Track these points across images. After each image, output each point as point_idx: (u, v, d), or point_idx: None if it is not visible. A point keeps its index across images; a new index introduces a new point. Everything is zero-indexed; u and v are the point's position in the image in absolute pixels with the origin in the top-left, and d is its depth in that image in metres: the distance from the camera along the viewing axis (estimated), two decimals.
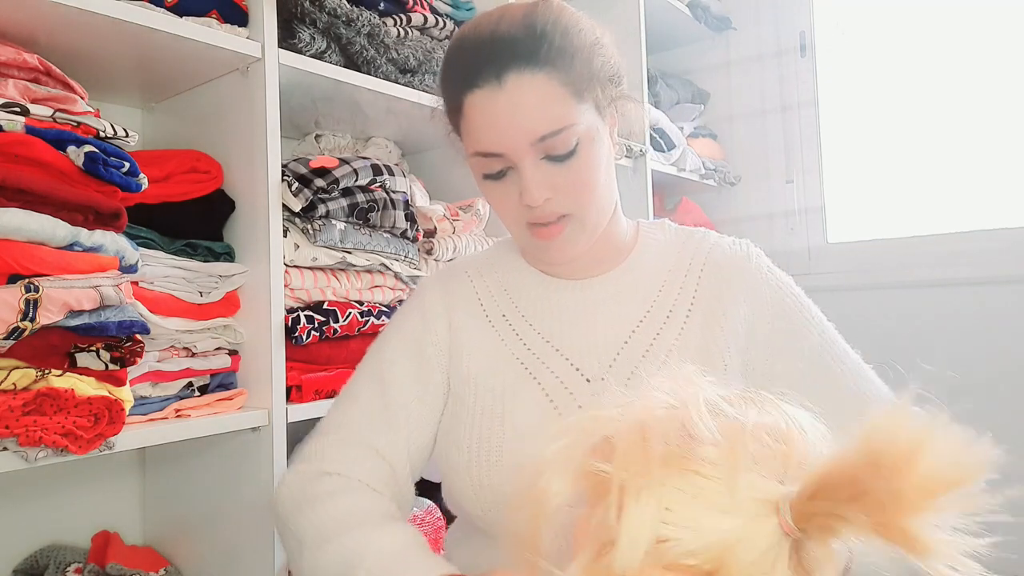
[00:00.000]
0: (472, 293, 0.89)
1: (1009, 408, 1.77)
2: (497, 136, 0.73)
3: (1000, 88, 1.89)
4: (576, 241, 0.79)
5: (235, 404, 1.10)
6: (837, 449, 0.35)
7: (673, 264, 0.85)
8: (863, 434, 0.34)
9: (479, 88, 0.72)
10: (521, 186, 0.74)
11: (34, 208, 0.84)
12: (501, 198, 0.78)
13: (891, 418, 0.35)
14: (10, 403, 0.81)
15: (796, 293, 0.84)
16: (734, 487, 0.34)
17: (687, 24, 2.14)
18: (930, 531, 0.33)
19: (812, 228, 2.16)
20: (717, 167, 2.17)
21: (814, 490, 0.34)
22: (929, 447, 0.34)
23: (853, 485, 0.33)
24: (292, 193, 1.15)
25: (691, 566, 0.34)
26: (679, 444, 0.36)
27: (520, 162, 0.73)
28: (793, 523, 0.34)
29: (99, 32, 0.97)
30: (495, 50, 0.72)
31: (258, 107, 1.10)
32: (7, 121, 0.84)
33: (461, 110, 0.75)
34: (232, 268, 1.13)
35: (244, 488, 1.11)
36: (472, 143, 0.76)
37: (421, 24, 1.39)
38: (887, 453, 0.33)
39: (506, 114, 0.72)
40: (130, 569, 1.10)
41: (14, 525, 1.14)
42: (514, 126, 0.72)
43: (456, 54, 0.78)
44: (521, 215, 0.77)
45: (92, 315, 0.87)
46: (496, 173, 0.76)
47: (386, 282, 1.33)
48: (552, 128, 0.72)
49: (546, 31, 0.73)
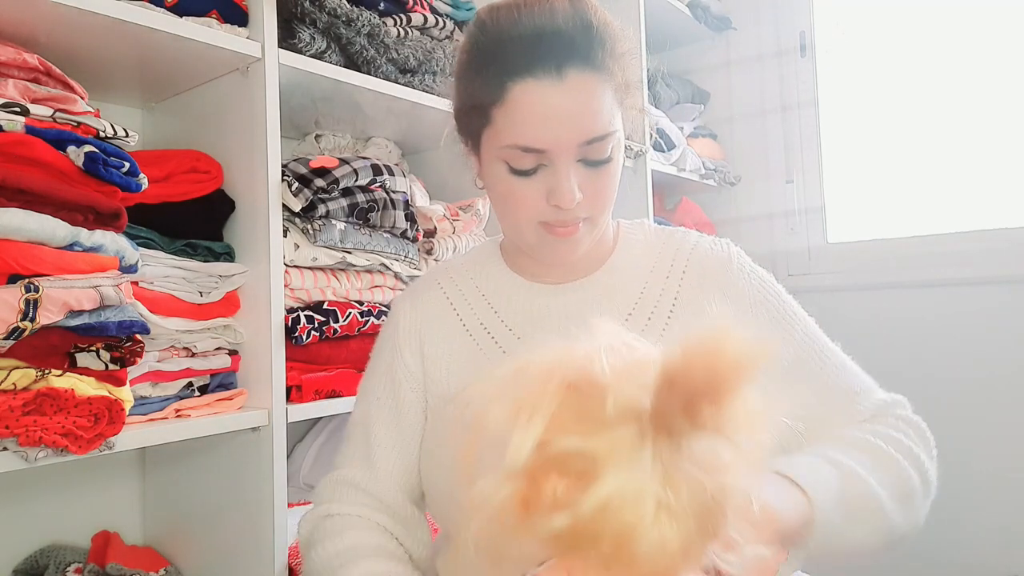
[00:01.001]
0: (445, 303, 0.87)
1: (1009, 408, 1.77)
2: (547, 131, 0.70)
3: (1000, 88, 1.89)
4: (584, 242, 0.78)
5: (235, 404, 1.10)
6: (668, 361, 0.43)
7: (654, 265, 0.85)
8: (682, 347, 0.42)
9: (534, 79, 0.69)
10: (555, 187, 0.72)
11: (34, 208, 0.84)
12: (525, 194, 0.74)
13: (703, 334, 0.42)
14: (10, 403, 0.81)
15: (777, 291, 0.84)
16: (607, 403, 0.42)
17: (687, 24, 2.14)
18: (737, 415, 0.42)
19: (812, 228, 2.16)
20: (717, 167, 2.17)
21: (659, 397, 0.42)
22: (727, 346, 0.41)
23: (680, 388, 0.41)
24: (292, 193, 1.15)
25: (573, 465, 0.42)
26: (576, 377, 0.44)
27: (559, 162, 0.72)
28: (651, 425, 0.42)
29: (99, 32, 0.97)
30: (556, 41, 0.69)
31: (258, 107, 1.10)
32: (7, 121, 0.84)
33: (504, 99, 0.71)
34: (232, 268, 1.13)
35: (244, 488, 1.11)
36: (513, 135, 0.72)
37: (421, 24, 1.39)
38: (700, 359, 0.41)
39: (564, 111, 0.70)
40: (130, 569, 1.10)
41: (14, 525, 1.14)
42: (568, 124, 0.70)
43: (500, 38, 0.72)
44: (541, 213, 0.75)
45: (92, 315, 0.87)
46: (528, 169, 0.73)
47: (386, 282, 1.33)
48: (601, 132, 0.71)
49: (601, 32, 0.71)
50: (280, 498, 1.07)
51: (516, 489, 0.43)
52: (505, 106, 0.71)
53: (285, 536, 1.08)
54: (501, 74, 0.71)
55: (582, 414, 0.43)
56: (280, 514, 1.07)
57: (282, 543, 1.08)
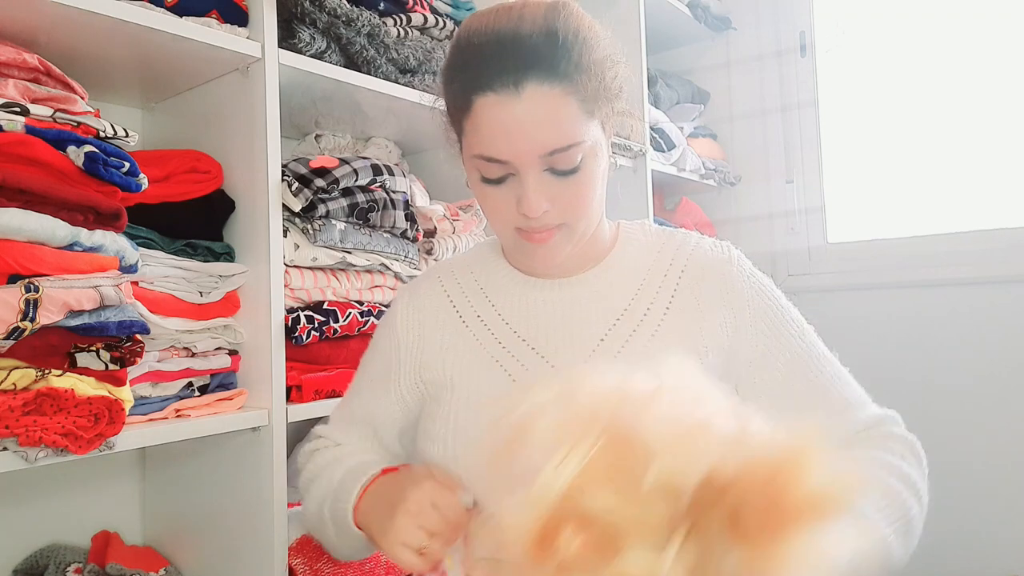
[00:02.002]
0: (443, 296, 0.89)
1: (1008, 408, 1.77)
2: (507, 145, 0.72)
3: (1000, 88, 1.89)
4: (563, 248, 0.79)
5: (235, 404, 1.10)
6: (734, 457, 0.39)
7: (652, 264, 0.85)
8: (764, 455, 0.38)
9: (494, 92, 0.70)
10: (521, 195, 0.73)
11: (34, 208, 0.84)
12: (496, 203, 0.77)
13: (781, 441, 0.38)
14: (10, 403, 0.81)
15: (777, 296, 0.84)
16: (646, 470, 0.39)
17: (687, 24, 2.14)
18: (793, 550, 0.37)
19: (812, 228, 2.16)
20: (717, 167, 2.17)
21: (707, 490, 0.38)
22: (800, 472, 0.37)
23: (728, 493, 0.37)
24: (292, 193, 1.15)
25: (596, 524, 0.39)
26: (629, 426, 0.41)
27: (524, 172, 0.73)
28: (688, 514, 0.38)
29: (99, 32, 0.97)
30: (515, 55, 0.70)
31: (258, 107, 1.10)
32: (7, 121, 0.84)
33: (469, 110, 0.73)
34: (232, 268, 1.13)
35: (244, 488, 1.11)
36: (477, 146, 0.74)
37: (421, 24, 1.39)
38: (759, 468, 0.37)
39: (520, 124, 0.70)
40: (130, 569, 1.10)
41: (14, 525, 1.14)
42: (526, 138, 0.71)
43: (468, 50, 0.74)
44: (514, 221, 0.77)
45: (92, 315, 0.87)
46: (496, 179, 0.75)
47: (386, 282, 1.33)
48: (562, 144, 0.71)
49: (568, 42, 0.71)
50: (280, 498, 1.07)
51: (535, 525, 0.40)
52: (471, 118, 0.73)
53: (285, 536, 1.08)
54: (467, 87, 0.73)
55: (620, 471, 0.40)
56: (280, 514, 1.07)
57: (282, 543, 1.08)
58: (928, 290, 1.90)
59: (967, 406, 1.82)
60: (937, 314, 1.88)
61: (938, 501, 0.77)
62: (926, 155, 2.00)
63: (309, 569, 1.11)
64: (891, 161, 2.06)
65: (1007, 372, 1.77)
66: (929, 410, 1.86)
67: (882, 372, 2.02)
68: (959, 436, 1.82)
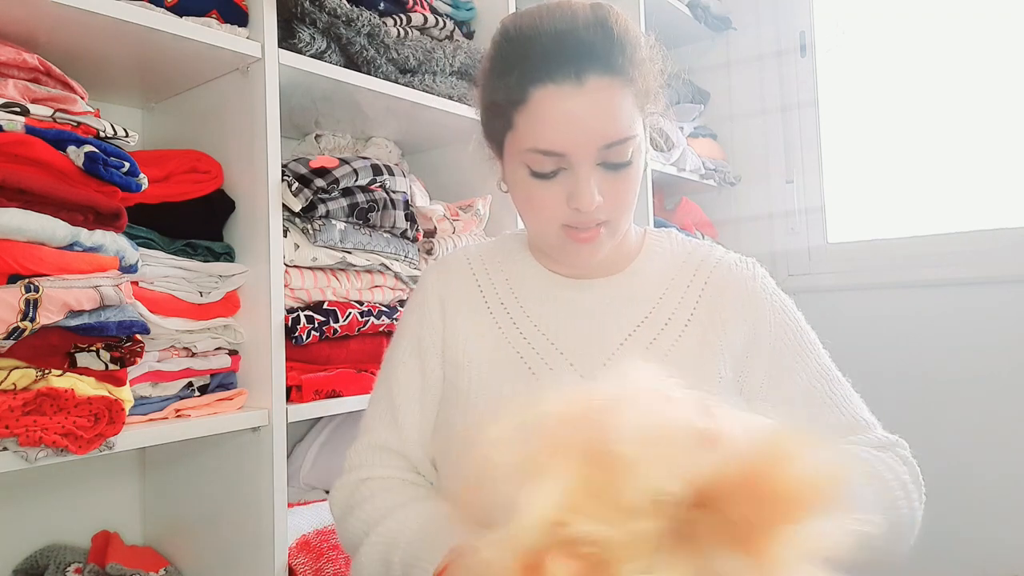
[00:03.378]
0: (471, 280, 0.89)
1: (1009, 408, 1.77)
2: (568, 136, 0.72)
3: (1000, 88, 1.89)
4: (605, 246, 0.80)
5: (235, 404, 1.10)
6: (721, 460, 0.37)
7: (676, 273, 0.86)
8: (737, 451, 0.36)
9: (554, 84, 0.71)
10: (575, 189, 0.73)
11: (34, 208, 0.84)
12: (545, 197, 0.76)
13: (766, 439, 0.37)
14: (10, 403, 0.81)
15: (797, 318, 0.85)
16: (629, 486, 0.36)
17: (687, 24, 2.14)
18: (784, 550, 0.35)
19: (812, 228, 2.16)
20: (717, 167, 2.17)
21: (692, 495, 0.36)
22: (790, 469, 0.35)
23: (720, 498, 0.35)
24: (292, 193, 1.15)
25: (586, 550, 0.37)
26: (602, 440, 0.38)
27: (579, 166, 0.73)
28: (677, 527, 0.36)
29: (99, 32, 0.97)
30: (576, 47, 0.71)
31: (258, 107, 1.10)
32: (7, 121, 0.84)
33: (526, 101, 0.72)
34: (232, 268, 1.13)
35: (244, 488, 1.11)
36: (534, 139, 0.73)
37: (421, 24, 1.39)
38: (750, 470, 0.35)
39: (581, 116, 0.71)
40: (130, 569, 1.10)
41: (14, 525, 1.14)
42: (588, 129, 0.71)
43: (523, 42, 0.74)
44: (561, 216, 0.76)
45: (92, 315, 0.87)
46: (548, 172, 0.75)
47: (386, 282, 1.33)
48: (620, 136, 0.72)
49: (621, 38, 0.73)
50: (280, 498, 1.07)
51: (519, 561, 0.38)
52: (526, 110, 0.73)
53: (285, 536, 1.08)
54: (523, 79, 0.72)
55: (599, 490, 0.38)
56: (280, 514, 1.07)
57: (282, 543, 1.08)
58: (928, 290, 1.90)
59: (967, 406, 1.82)
60: (937, 314, 1.88)
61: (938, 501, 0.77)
62: (926, 155, 2.00)
63: (310, 569, 1.11)
64: (891, 161, 2.06)
65: (1007, 372, 1.77)
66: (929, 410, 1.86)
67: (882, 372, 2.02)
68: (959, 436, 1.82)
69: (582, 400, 0.41)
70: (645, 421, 0.39)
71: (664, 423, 0.39)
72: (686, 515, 0.36)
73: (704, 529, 0.36)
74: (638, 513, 0.36)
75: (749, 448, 0.37)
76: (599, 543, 0.36)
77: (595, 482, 0.38)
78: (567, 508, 0.37)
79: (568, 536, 0.37)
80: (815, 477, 0.35)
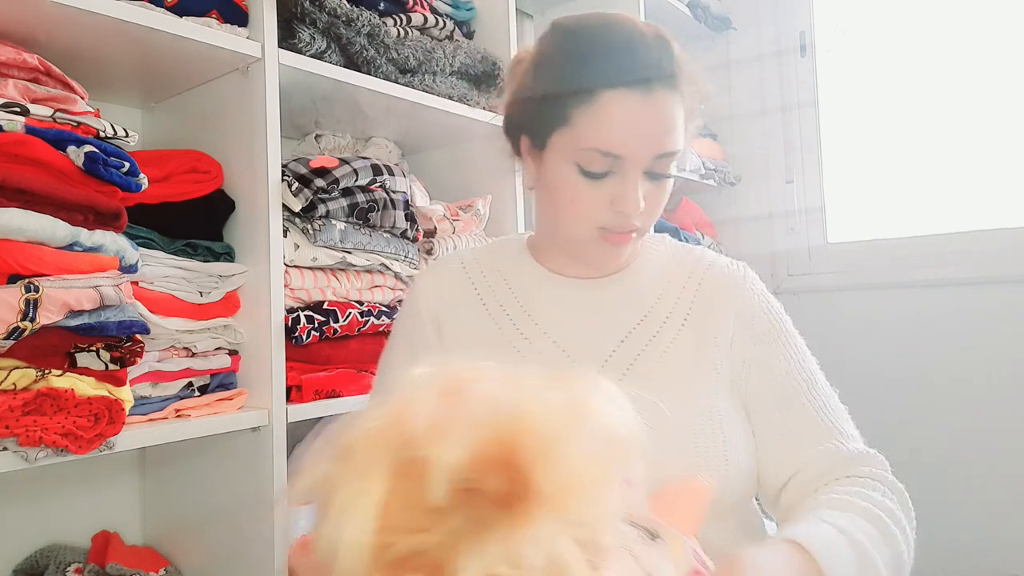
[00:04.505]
0: (466, 282, 0.90)
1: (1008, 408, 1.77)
2: (632, 140, 0.74)
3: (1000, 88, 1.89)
4: (629, 251, 0.84)
5: (235, 404, 1.10)
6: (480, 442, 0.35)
7: (672, 276, 0.88)
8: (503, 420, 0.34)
9: (626, 88, 0.74)
10: (623, 193, 0.76)
11: (34, 208, 0.84)
12: (591, 197, 0.78)
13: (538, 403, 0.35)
14: (10, 403, 0.81)
15: (784, 319, 0.86)
16: (430, 484, 0.34)
17: (687, 24, 2.14)
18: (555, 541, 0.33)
19: (812, 228, 2.16)
20: (717, 167, 2.17)
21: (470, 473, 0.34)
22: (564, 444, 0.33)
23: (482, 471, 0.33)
24: (292, 193, 1.15)
25: (423, 561, 0.34)
26: (405, 447, 0.36)
27: (631, 171, 0.76)
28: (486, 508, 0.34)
29: (99, 32, 0.97)
30: (647, 58, 0.75)
31: (258, 107, 1.10)
32: (7, 121, 0.84)
33: (591, 103, 0.74)
34: (232, 268, 1.13)
35: (244, 488, 1.11)
36: (595, 139, 0.75)
37: (421, 24, 1.39)
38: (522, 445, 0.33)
39: (647, 123, 0.74)
40: (130, 569, 1.10)
41: (14, 525, 1.14)
42: (650, 136, 0.75)
43: (591, 41, 0.77)
44: (601, 218, 0.78)
45: (92, 315, 0.87)
46: (599, 173, 0.77)
47: (386, 282, 1.33)
48: (673, 148, 0.76)
49: (679, 59, 0.78)
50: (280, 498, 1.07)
51: None
52: (591, 110, 0.74)
53: (285, 536, 1.08)
54: (592, 79, 0.74)
55: (410, 499, 0.35)
56: (280, 514, 1.07)
57: (282, 543, 1.08)
58: (928, 290, 1.90)
59: (967, 406, 1.82)
60: (937, 314, 1.88)
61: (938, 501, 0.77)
62: (926, 155, 1.99)
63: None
64: (891, 161, 2.06)
65: (1007, 372, 1.77)
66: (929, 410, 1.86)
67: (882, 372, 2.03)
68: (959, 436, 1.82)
69: (391, 412, 0.38)
70: (433, 415, 0.37)
71: (449, 410, 0.37)
72: (477, 499, 0.34)
73: (490, 511, 0.34)
74: (447, 509, 0.34)
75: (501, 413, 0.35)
76: (427, 547, 0.34)
77: (401, 490, 0.35)
78: (384, 528, 0.35)
79: (396, 556, 0.34)
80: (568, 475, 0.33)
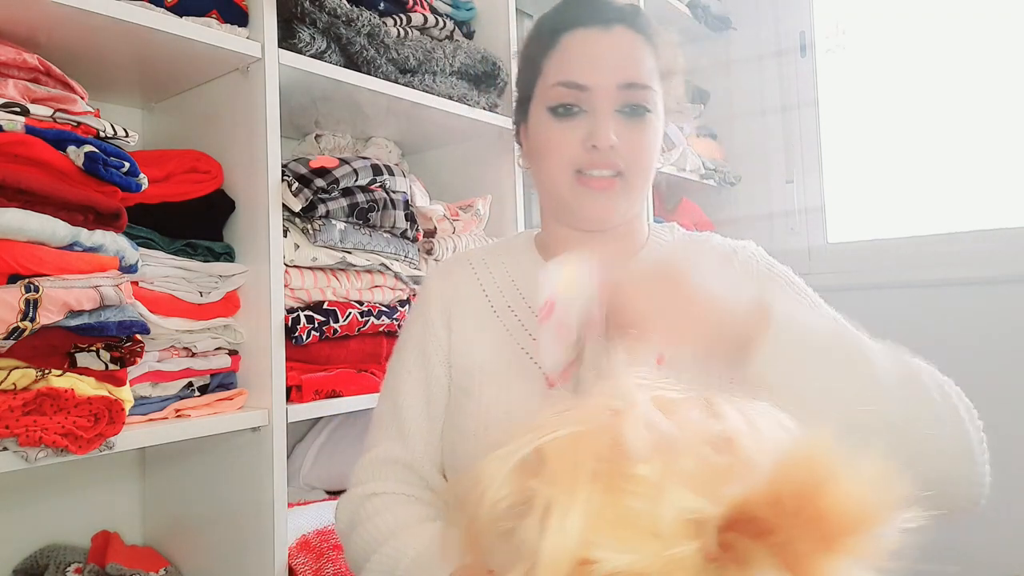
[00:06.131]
0: (475, 283, 0.90)
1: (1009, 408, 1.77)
2: (592, 68, 0.77)
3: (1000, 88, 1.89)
4: (618, 204, 0.81)
5: (235, 404, 1.10)
6: (760, 476, 0.34)
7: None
8: (777, 467, 0.33)
9: (584, 27, 0.79)
10: (593, 127, 0.77)
11: (34, 208, 0.84)
12: (563, 137, 0.79)
13: (806, 453, 0.34)
14: (10, 403, 0.81)
15: (791, 280, 0.84)
16: (659, 509, 0.33)
17: (687, 24, 2.14)
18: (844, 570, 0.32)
19: (812, 228, 2.16)
20: (717, 167, 2.17)
21: (733, 518, 0.33)
22: (837, 487, 0.33)
23: (763, 519, 0.32)
24: (292, 193, 1.15)
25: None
26: (610, 460, 0.35)
27: (598, 103, 0.78)
28: (717, 548, 0.33)
29: (99, 32, 0.97)
30: (608, 6, 0.80)
31: (258, 107, 1.10)
32: (7, 121, 0.84)
33: (555, 46, 0.80)
34: (232, 268, 1.13)
35: (244, 488, 1.11)
36: (559, 72, 0.79)
37: (421, 24, 1.39)
38: (795, 490, 0.33)
39: (605, 54, 0.78)
40: (130, 569, 1.10)
41: (14, 525, 1.14)
42: (611, 65, 0.78)
43: (556, 9, 0.84)
44: (577, 159, 0.79)
45: (92, 315, 0.87)
46: (568, 108, 0.79)
47: (386, 282, 1.33)
48: (639, 80, 0.78)
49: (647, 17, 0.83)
50: (280, 498, 1.07)
51: None
52: (555, 53, 0.80)
53: (285, 536, 1.08)
54: (555, 29, 0.81)
55: (624, 517, 0.34)
56: (280, 514, 1.07)
57: (282, 543, 1.08)
58: (928, 290, 1.90)
59: None
60: (937, 314, 1.88)
61: None
62: (926, 155, 1.99)
63: (310, 569, 1.11)
64: (891, 161, 2.06)
65: (1007, 372, 1.77)
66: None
67: None
68: None
69: (580, 417, 0.37)
70: (653, 433, 0.35)
71: (673, 431, 0.36)
72: (722, 537, 0.33)
73: (745, 552, 0.33)
74: (673, 537, 0.33)
75: (778, 458, 0.34)
76: (636, 571, 0.33)
77: (615, 508, 0.34)
78: (591, 543, 0.33)
79: (599, 573, 0.33)
80: (864, 500, 0.32)
